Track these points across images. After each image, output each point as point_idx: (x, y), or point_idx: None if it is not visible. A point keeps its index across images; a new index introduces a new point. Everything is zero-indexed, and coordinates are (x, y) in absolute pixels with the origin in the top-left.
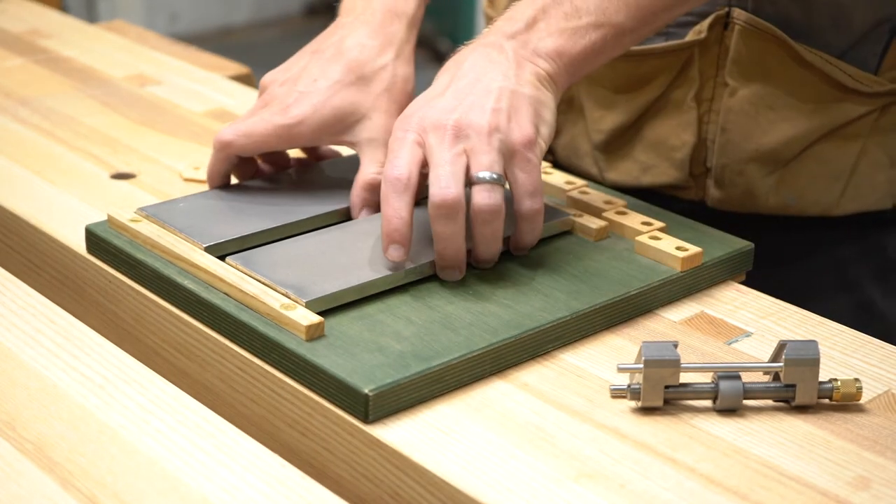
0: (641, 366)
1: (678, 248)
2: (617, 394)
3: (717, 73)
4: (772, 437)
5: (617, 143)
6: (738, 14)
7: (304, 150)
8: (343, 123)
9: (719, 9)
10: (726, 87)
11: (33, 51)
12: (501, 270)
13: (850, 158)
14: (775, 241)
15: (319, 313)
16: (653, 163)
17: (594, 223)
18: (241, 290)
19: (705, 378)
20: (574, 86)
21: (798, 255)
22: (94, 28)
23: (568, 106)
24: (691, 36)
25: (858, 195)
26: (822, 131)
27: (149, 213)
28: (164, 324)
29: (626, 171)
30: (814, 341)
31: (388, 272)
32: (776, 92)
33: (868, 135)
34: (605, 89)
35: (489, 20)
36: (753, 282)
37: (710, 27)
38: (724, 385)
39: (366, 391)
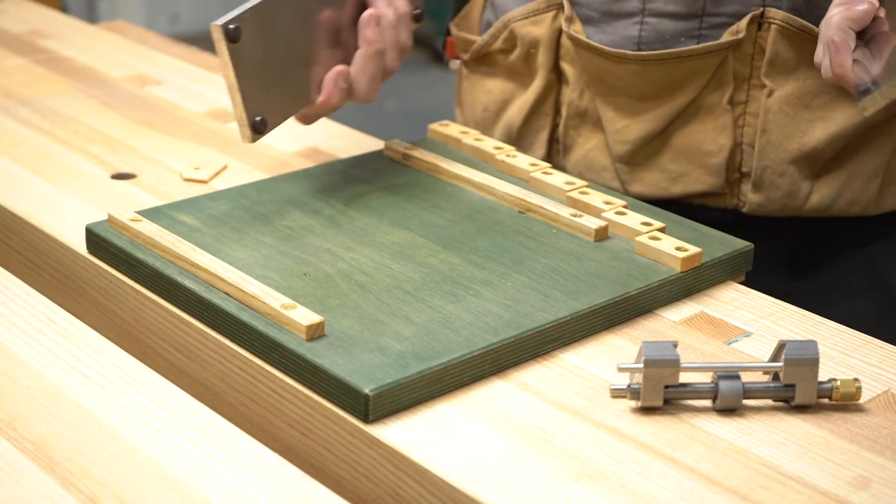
0: (641, 366)
1: (678, 249)
2: (617, 394)
3: (750, 75)
4: (772, 436)
5: (643, 154)
6: (774, 14)
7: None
8: None
9: (754, 9)
10: (763, 89)
11: (34, 51)
12: (501, 271)
13: (885, 156)
14: (809, 244)
15: None
16: (684, 171)
17: (594, 223)
18: (242, 290)
19: (705, 378)
20: (588, 99)
21: (830, 255)
22: (94, 28)
23: (580, 121)
24: (727, 36)
25: (893, 193)
26: (860, 129)
27: None
28: (165, 324)
29: (654, 182)
30: (813, 341)
31: None
32: (812, 91)
33: None
34: (629, 98)
35: (460, 42)
36: (783, 283)
37: (746, 27)
38: (724, 385)
39: (366, 391)
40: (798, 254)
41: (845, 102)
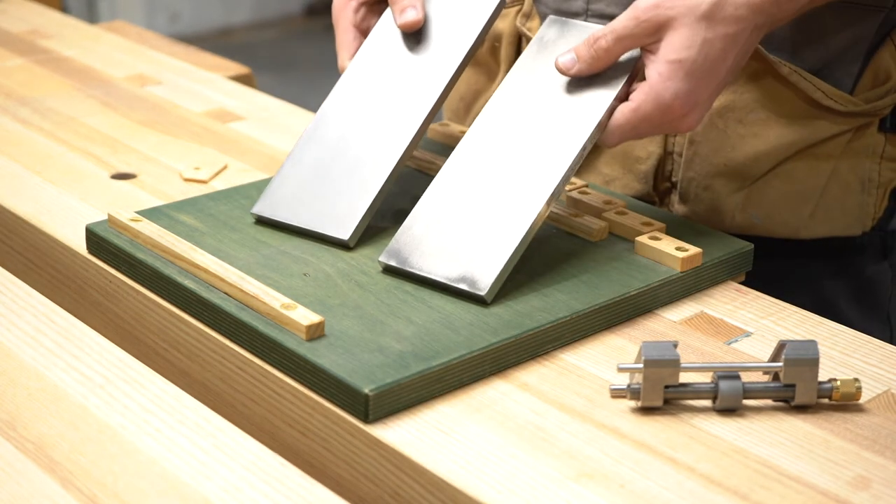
0: (641, 366)
1: (678, 249)
2: (617, 394)
3: None
4: (772, 436)
5: None
6: None
7: None
8: None
9: None
10: None
11: (34, 51)
12: None
13: (821, 180)
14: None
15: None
16: (616, 175)
17: (594, 223)
18: (241, 290)
19: (705, 378)
20: None
21: (771, 277)
22: (94, 28)
23: None
24: None
25: (828, 218)
26: (793, 149)
27: (261, 212)
28: (165, 324)
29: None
30: (813, 341)
31: (528, 224)
32: (748, 106)
33: (840, 156)
34: None
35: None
36: None
37: None
38: (724, 385)
39: (366, 391)
40: None
41: (782, 121)
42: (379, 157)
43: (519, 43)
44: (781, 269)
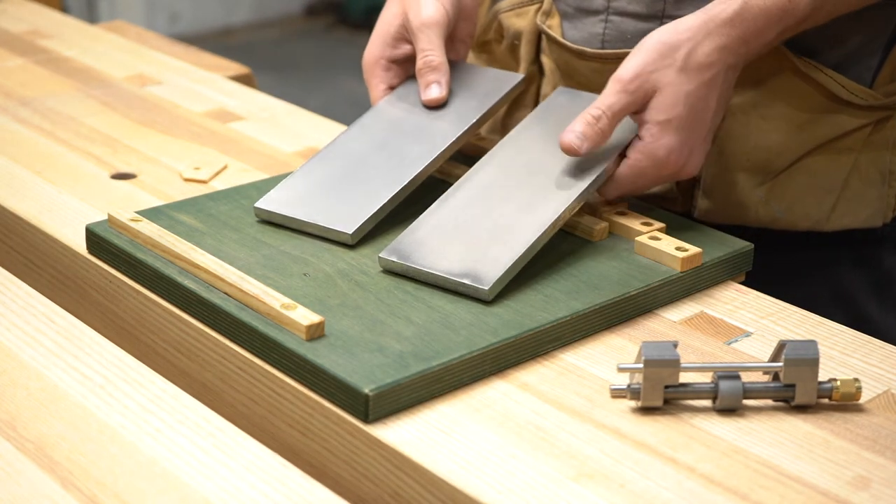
0: (641, 366)
1: (678, 249)
2: (617, 394)
3: None
4: (772, 436)
5: None
6: None
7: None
8: None
9: None
10: None
11: (34, 51)
12: None
13: (842, 173)
14: (765, 255)
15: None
16: None
17: (594, 223)
18: (241, 290)
19: (705, 378)
20: None
21: (790, 269)
22: (94, 28)
23: None
24: None
25: (849, 211)
26: (815, 143)
27: (266, 207)
28: (165, 323)
29: None
30: (813, 341)
31: (538, 233)
32: (769, 101)
33: (860, 149)
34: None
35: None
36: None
37: None
38: (724, 385)
39: (366, 391)
40: (755, 264)
41: (803, 116)
42: (393, 175)
43: (538, 41)
44: (802, 261)
